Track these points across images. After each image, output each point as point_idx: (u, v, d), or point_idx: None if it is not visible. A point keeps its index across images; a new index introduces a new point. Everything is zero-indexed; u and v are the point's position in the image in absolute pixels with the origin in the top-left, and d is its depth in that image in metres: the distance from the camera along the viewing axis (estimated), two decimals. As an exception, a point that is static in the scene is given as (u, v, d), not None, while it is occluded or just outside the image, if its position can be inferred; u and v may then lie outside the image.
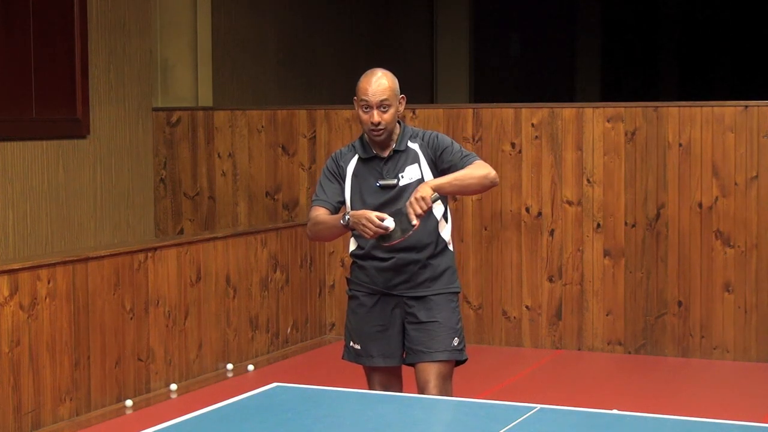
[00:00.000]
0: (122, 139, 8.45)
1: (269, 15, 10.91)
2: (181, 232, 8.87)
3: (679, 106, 7.66)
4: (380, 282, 4.50)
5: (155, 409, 6.41)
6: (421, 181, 4.43)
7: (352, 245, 4.63)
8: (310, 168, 8.56)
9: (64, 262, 6.09)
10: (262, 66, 10.77)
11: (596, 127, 7.80)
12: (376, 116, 4.40)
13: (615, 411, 3.48)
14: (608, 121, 7.77)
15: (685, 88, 19.48)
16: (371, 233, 4.23)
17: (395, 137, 4.52)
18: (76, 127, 8.00)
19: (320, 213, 4.52)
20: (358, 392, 3.46)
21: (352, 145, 4.62)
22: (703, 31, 20.29)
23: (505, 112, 8.03)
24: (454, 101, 13.66)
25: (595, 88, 18.26)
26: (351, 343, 4.51)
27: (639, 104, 7.76)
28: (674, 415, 3.40)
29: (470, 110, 8.19)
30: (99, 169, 8.22)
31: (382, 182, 4.46)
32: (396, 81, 4.49)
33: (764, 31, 19.04)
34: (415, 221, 4.16)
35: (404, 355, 4.45)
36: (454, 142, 4.54)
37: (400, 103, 4.49)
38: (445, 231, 4.53)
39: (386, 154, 4.51)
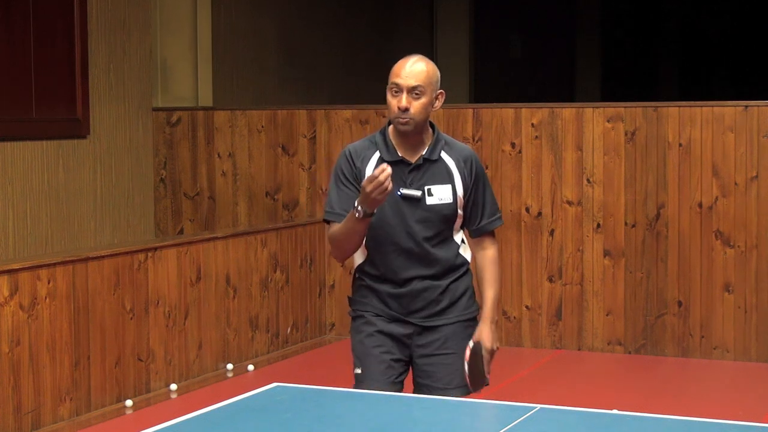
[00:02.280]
0: (122, 139, 8.45)
1: (269, 15, 10.91)
2: (181, 232, 8.87)
3: (679, 106, 7.66)
4: (394, 307, 3.99)
5: (155, 409, 6.41)
6: (452, 206, 3.93)
7: (359, 258, 4.04)
8: (310, 168, 8.56)
9: (64, 262, 6.08)
10: (262, 66, 10.76)
11: (596, 127, 7.80)
12: (405, 100, 3.84)
13: (615, 411, 3.48)
14: (608, 121, 7.77)
15: (685, 88, 19.47)
16: (385, 185, 3.64)
17: (427, 141, 3.96)
18: (76, 127, 8.00)
19: (335, 227, 3.93)
20: (358, 392, 3.46)
21: (372, 140, 4.00)
22: (703, 31, 20.28)
23: (505, 112, 8.03)
24: (454, 101, 13.64)
25: (595, 88, 18.24)
26: (355, 369, 4.02)
27: (639, 104, 7.75)
28: (674, 415, 3.39)
29: (470, 110, 8.19)
30: (99, 169, 8.22)
31: (404, 191, 3.89)
32: (437, 71, 3.93)
33: (764, 31, 19.03)
34: (487, 378, 3.94)
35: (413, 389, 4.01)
36: (486, 176, 4.08)
37: (437, 98, 3.92)
38: (466, 249, 4.07)
39: (414, 160, 3.94)
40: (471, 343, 3.92)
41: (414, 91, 3.84)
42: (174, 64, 9.62)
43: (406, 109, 3.84)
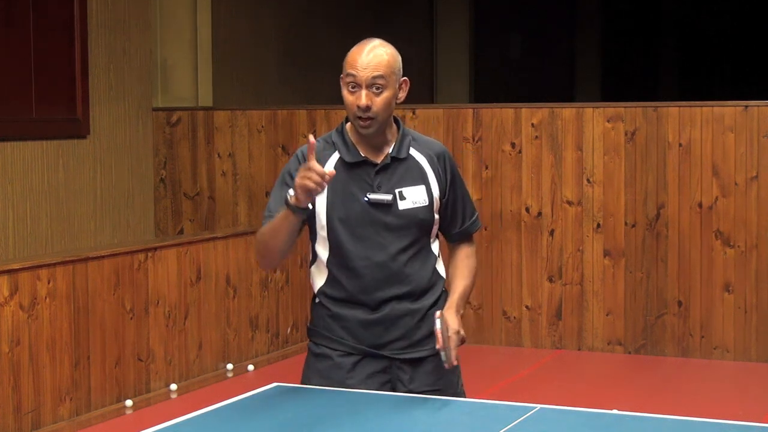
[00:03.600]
0: (122, 139, 8.45)
1: (269, 15, 10.91)
2: (181, 232, 8.87)
3: (679, 106, 7.66)
4: (366, 339, 3.40)
5: (155, 409, 6.41)
6: (429, 210, 3.42)
7: (319, 280, 3.49)
8: (310, 168, 8.55)
9: (64, 262, 6.09)
10: (262, 66, 10.77)
11: (596, 127, 7.80)
12: (365, 98, 3.28)
13: (615, 411, 3.48)
14: (608, 121, 7.77)
15: (685, 88, 19.49)
16: (317, 179, 3.09)
17: (392, 138, 3.43)
18: (76, 127, 8.00)
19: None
20: (357, 392, 3.45)
21: (328, 140, 3.45)
22: (703, 31, 20.30)
23: (505, 112, 8.03)
24: (454, 101, 13.66)
25: (595, 88, 18.25)
26: None
27: (639, 104, 7.76)
28: (674, 415, 3.39)
29: (470, 110, 8.19)
30: (99, 169, 8.22)
31: (372, 196, 3.35)
32: (398, 57, 3.39)
33: (764, 31, 19.04)
34: (454, 363, 3.29)
35: None
36: (461, 175, 3.56)
37: (401, 87, 3.38)
38: (441, 265, 3.52)
39: (380, 159, 3.41)
40: (438, 313, 3.33)
41: (374, 85, 3.29)
42: (174, 64, 9.62)
43: (368, 108, 3.28)
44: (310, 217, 3.41)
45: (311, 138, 3.17)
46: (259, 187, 8.70)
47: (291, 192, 3.20)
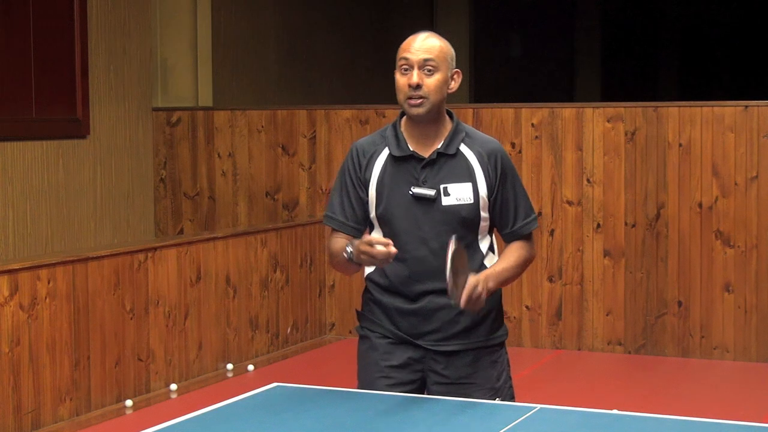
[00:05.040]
0: (122, 139, 8.45)
1: (269, 15, 10.91)
2: (181, 232, 8.87)
3: (679, 106, 7.66)
4: (403, 327, 3.46)
5: (155, 409, 6.41)
6: (473, 208, 3.41)
7: (370, 266, 3.46)
8: (310, 168, 8.56)
9: (64, 262, 6.09)
10: (262, 66, 10.77)
11: (596, 127, 7.80)
12: (416, 76, 3.32)
13: (615, 411, 3.48)
14: (608, 121, 7.77)
15: (685, 88, 19.49)
16: (381, 256, 3.19)
17: (444, 132, 3.44)
18: (76, 127, 8.00)
19: (336, 242, 3.46)
20: (358, 392, 3.46)
21: (382, 134, 3.49)
22: (703, 31, 20.29)
23: (505, 112, 8.03)
24: (454, 101, 13.64)
25: (595, 88, 18.25)
26: None
27: (639, 104, 7.76)
28: (674, 415, 3.39)
29: (470, 110, 8.19)
30: (99, 169, 8.23)
31: (416, 190, 3.38)
32: (451, 48, 3.46)
33: (764, 31, 19.04)
34: (460, 305, 3.23)
35: None
36: (517, 173, 3.55)
37: (453, 78, 3.44)
38: (492, 260, 3.50)
39: (428, 154, 3.42)
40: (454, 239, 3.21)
41: (426, 66, 3.34)
42: (174, 64, 9.62)
43: (418, 86, 3.32)
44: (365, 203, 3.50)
45: (391, 248, 3.21)
46: (259, 187, 8.70)
47: (349, 249, 3.31)
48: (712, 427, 3.28)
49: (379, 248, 3.21)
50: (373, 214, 3.46)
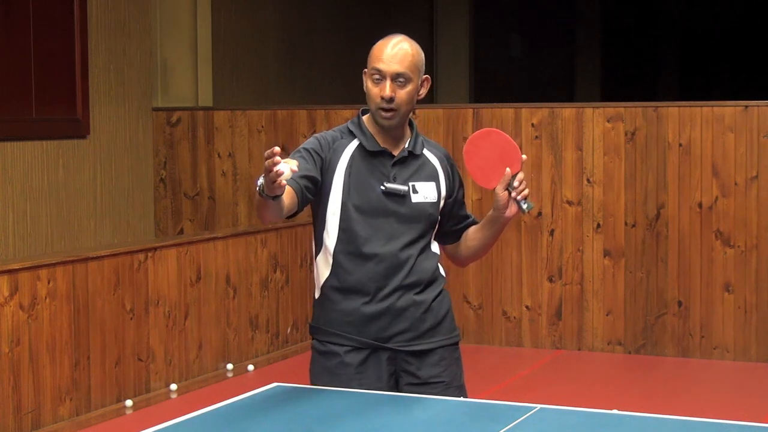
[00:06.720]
0: (122, 139, 8.45)
1: (269, 15, 10.91)
2: (181, 232, 8.87)
3: (679, 106, 7.66)
4: (371, 333, 3.45)
5: (155, 409, 6.41)
6: (436, 206, 3.52)
7: (324, 270, 3.55)
8: (310, 168, 8.55)
9: (64, 262, 6.09)
10: (262, 66, 10.77)
11: (596, 127, 7.80)
12: (389, 89, 3.36)
13: (615, 411, 3.48)
14: (608, 121, 7.78)
15: (685, 88, 19.49)
16: (273, 167, 2.98)
17: (406, 132, 3.52)
18: (76, 127, 8.01)
19: None
20: (357, 392, 3.45)
21: (346, 129, 3.51)
22: (703, 31, 20.30)
23: (505, 112, 8.04)
24: (454, 101, 13.66)
25: (595, 88, 18.25)
26: None
27: (639, 104, 7.76)
28: (674, 415, 3.39)
29: (470, 110, 8.19)
30: (99, 169, 8.23)
31: (388, 186, 3.43)
32: (422, 54, 3.46)
33: (764, 31, 19.04)
34: (508, 209, 3.65)
35: None
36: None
37: (422, 84, 3.46)
38: (441, 265, 3.62)
39: (397, 152, 3.50)
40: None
41: (399, 78, 3.37)
42: (174, 65, 9.62)
43: (391, 99, 3.36)
44: (317, 204, 3.53)
45: (275, 148, 3.02)
46: (259, 187, 8.69)
47: (260, 182, 3.12)
48: (712, 427, 3.28)
49: (275, 158, 2.96)
50: (337, 208, 3.47)
